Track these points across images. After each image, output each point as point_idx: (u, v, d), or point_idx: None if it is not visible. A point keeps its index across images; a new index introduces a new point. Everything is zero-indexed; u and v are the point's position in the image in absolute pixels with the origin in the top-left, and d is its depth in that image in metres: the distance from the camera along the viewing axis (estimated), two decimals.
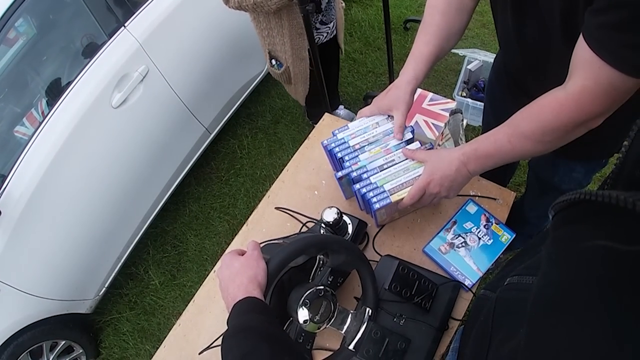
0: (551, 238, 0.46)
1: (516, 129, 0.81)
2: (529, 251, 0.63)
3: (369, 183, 0.99)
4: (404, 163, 1.00)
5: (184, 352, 1.17)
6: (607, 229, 0.38)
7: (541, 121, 0.77)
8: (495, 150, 0.84)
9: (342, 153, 1.03)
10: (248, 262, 0.80)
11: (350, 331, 0.91)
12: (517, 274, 0.60)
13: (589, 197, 0.40)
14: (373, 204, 0.96)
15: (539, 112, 0.77)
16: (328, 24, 2.01)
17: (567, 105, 0.73)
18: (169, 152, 2.41)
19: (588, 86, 0.70)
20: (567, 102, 0.73)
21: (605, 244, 0.37)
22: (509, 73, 1.16)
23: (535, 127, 0.78)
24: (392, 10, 3.20)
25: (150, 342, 2.37)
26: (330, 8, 1.97)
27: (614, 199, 0.36)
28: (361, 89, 2.95)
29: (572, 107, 0.72)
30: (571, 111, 0.73)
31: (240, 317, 0.73)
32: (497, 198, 1.18)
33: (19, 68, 1.99)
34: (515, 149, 0.82)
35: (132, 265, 2.61)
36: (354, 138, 1.04)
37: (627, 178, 0.42)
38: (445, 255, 1.09)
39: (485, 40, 2.93)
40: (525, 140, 0.80)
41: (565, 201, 0.45)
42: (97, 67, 1.98)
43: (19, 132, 1.92)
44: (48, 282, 2.04)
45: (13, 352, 1.97)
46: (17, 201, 1.82)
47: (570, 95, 0.72)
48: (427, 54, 0.98)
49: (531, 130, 0.78)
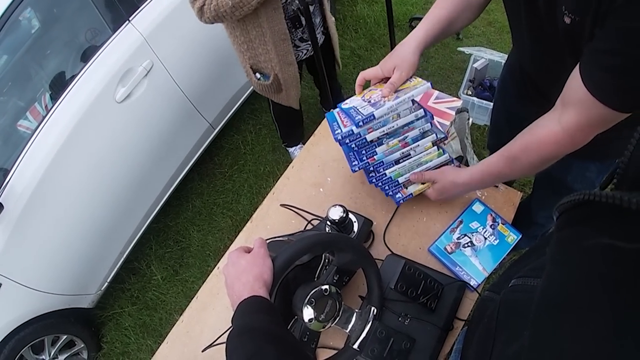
0: (555, 239, 0.47)
1: (514, 159, 0.89)
2: (534, 253, 0.63)
3: (384, 175, 1.08)
4: (418, 157, 1.07)
5: (187, 349, 1.17)
6: (610, 229, 0.39)
7: (539, 154, 0.85)
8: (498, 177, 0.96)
9: (359, 146, 1.03)
10: (254, 260, 0.80)
11: (355, 330, 0.91)
12: (521, 275, 0.60)
13: (593, 197, 0.40)
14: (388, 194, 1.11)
15: (538, 148, 0.84)
16: (309, 41, 1.92)
17: (564, 141, 0.80)
18: (173, 148, 2.40)
19: (582, 122, 0.76)
20: (563, 138, 0.79)
21: (608, 242, 0.37)
22: (524, 71, 1.14)
23: (533, 159, 0.86)
24: (398, 8, 3.20)
25: (152, 337, 2.37)
26: (310, 24, 1.84)
27: (617, 200, 0.37)
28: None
29: (567, 142, 0.80)
30: (567, 145, 0.81)
31: (245, 317, 0.72)
32: (498, 186, 1.18)
33: (23, 62, 1.98)
34: (514, 173, 0.93)
35: (134, 260, 2.62)
36: (371, 132, 1.01)
37: (631, 180, 0.43)
38: (451, 254, 1.08)
39: (491, 38, 2.91)
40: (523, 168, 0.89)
41: (570, 202, 0.45)
42: (101, 62, 1.97)
43: (22, 126, 1.92)
44: (50, 277, 2.04)
45: (15, 347, 1.97)
46: (19, 196, 1.82)
47: (566, 132, 0.79)
48: (441, 17, 0.99)
49: (529, 161, 0.87)
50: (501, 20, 2.91)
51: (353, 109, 1.01)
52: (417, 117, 1.01)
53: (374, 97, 1.01)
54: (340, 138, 1.01)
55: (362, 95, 1.07)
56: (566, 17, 0.72)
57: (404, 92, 0.98)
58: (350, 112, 1.01)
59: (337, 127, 1.04)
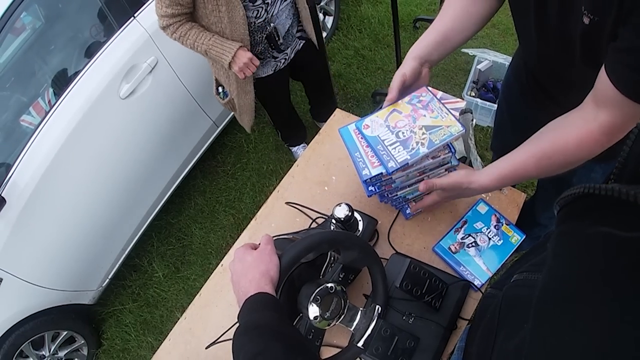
0: (556, 233, 0.47)
1: (548, 159, 0.84)
2: (536, 250, 0.64)
3: (395, 195, 1.07)
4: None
5: (189, 346, 1.17)
6: (609, 220, 0.39)
7: (576, 155, 0.81)
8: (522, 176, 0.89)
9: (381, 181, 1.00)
10: (261, 257, 0.80)
11: (359, 328, 0.91)
12: (523, 270, 0.60)
13: (592, 190, 0.41)
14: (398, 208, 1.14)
15: (576, 147, 0.80)
16: (285, 50, 1.87)
17: (602, 141, 0.78)
18: (176, 145, 2.40)
19: (618, 122, 0.74)
20: (601, 138, 0.78)
21: (607, 231, 0.38)
22: (529, 72, 1.14)
23: (570, 159, 0.82)
24: (402, 8, 3.19)
25: (152, 335, 2.37)
26: (287, 36, 1.82)
27: (616, 192, 0.37)
28: (370, 85, 2.93)
29: (605, 141, 0.78)
30: (604, 145, 0.79)
31: (252, 314, 0.72)
32: (502, 189, 1.18)
33: (27, 57, 1.99)
34: (541, 174, 0.88)
35: (136, 257, 2.62)
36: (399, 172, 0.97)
37: (629, 174, 0.43)
38: (455, 254, 1.08)
39: (495, 40, 2.91)
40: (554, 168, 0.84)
41: (570, 195, 0.45)
42: (105, 58, 1.98)
43: (25, 121, 1.92)
44: (51, 273, 2.05)
45: (15, 342, 1.98)
46: (22, 191, 1.82)
47: (604, 131, 0.77)
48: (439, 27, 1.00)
49: (565, 161, 0.83)
50: (505, 23, 2.91)
51: (380, 143, 0.95)
52: (444, 160, 1.00)
53: (400, 127, 0.96)
54: (369, 179, 0.96)
55: (386, 118, 0.99)
56: (585, 17, 0.71)
57: (437, 133, 0.95)
58: (377, 148, 0.95)
59: (364, 164, 0.97)
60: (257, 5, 1.57)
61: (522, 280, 0.58)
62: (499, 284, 0.72)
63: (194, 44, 1.60)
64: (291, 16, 1.76)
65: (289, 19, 1.75)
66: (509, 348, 0.50)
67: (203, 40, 1.59)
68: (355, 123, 0.99)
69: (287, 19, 1.74)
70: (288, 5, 1.71)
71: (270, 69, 1.89)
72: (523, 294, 0.56)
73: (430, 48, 0.99)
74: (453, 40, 1.01)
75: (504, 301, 0.61)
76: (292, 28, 1.81)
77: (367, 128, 0.97)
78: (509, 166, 0.88)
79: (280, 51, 1.84)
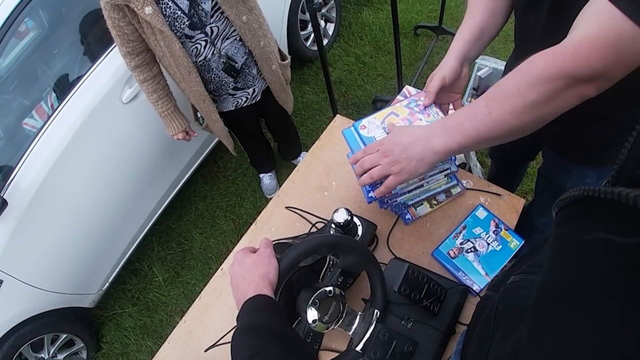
0: (554, 235, 0.47)
1: (497, 88, 0.72)
2: (533, 252, 0.64)
3: (395, 201, 1.09)
4: (427, 186, 1.09)
5: (188, 349, 1.17)
6: (608, 224, 0.39)
7: (528, 72, 0.67)
8: (468, 118, 0.75)
9: None
10: (260, 260, 0.80)
11: (357, 333, 0.91)
12: (520, 272, 0.60)
13: (591, 193, 0.41)
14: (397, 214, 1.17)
15: (527, 64, 0.68)
16: (244, 89, 1.86)
17: (561, 53, 0.64)
18: (177, 150, 2.41)
19: (591, 34, 0.61)
20: (561, 49, 0.65)
21: (606, 237, 0.37)
22: None
23: (520, 80, 0.68)
24: (403, 15, 3.22)
25: (151, 339, 2.37)
26: (245, 75, 1.80)
27: (616, 195, 0.37)
28: (370, 92, 2.95)
29: (566, 55, 0.63)
30: (565, 60, 0.63)
31: (250, 315, 0.72)
32: (501, 194, 1.19)
33: (30, 61, 2.00)
34: (492, 113, 0.71)
35: (136, 261, 2.63)
36: None
37: (628, 177, 0.43)
38: (454, 259, 1.09)
39: (495, 47, 2.93)
40: (506, 100, 0.70)
41: (569, 198, 0.45)
42: (108, 62, 1.99)
43: (28, 124, 1.93)
44: (52, 275, 2.05)
45: (14, 344, 1.98)
46: (24, 193, 1.83)
47: (567, 43, 0.64)
48: (473, 25, 0.99)
49: (515, 84, 0.69)
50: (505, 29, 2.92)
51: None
52: (443, 167, 1.02)
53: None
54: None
55: (383, 119, 0.99)
56: None
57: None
58: None
59: None
60: (195, 41, 1.58)
61: (519, 282, 0.58)
62: (496, 285, 0.72)
63: (155, 103, 1.78)
64: (244, 54, 1.74)
65: (242, 57, 1.74)
66: (505, 349, 0.50)
67: (159, 107, 1.78)
68: (353, 124, 1.01)
69: (239, 55, 1.73)
70: (235, 43, 1.68)
71: (230, 104, 1.91)
72: (520, 295, 0.56)
73: (470, 45, 0.99)
74: (487, 36, 1.01)
75: (500, 302, 0.61)
76: (248, 68, 1.80)
77: (364, 129, 0.98)
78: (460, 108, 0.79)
79: (237, 89, 1.85)
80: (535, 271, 0.54)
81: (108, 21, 1.45)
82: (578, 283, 0.39)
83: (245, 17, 1.60)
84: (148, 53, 1.61)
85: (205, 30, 1.57)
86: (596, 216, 0.41)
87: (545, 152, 1.32)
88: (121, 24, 1.45)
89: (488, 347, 0.55)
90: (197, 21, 1.53)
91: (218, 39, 1.62)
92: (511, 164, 1.70)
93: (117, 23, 1.45)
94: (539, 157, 1.52)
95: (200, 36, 1.57)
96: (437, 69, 0.97)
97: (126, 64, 1.62)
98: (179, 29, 1.50)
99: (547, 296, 0.42)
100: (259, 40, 1.69)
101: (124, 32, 1.48)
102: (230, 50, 1.68)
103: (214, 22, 1.57)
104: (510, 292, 0.60)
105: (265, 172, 2.68)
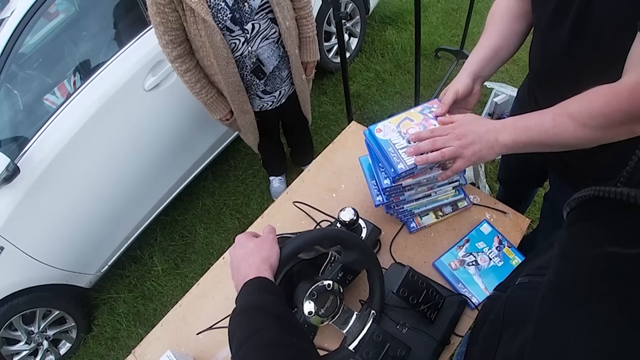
0: (565, 235, 0.47)
1: (563, 107, 0.80)
2: (542, 254, 0.63)
3: (402, 208, 1.12)
4: (435, 196, 1.11)
5: (180, 333, 1.17)
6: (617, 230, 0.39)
7: (591, 103, 0.76)
8: (536, 124, 0.83)
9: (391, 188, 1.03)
10: (262, 244, 0.81)
11: (352, 332, 0.91)
12: (528, 273, 0.60)
13: (602, 193, 0.41)
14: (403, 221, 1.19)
15: (591, 96, 0.77)
16: (272, 92, 1.90)
17: (620, 94, 0.73)
18: (192, 143, 2.44)
19: None
20: (620, 91, 0.73)
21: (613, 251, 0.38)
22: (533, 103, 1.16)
23: (584, 109, 0.77)
24: (426, 37, 3.26)
25: (143, 327, 2.37)
26: (274, 77, 1.84)
27: (626, 196, 0.37)
28: (387, 108, 2.97)
29: (624, 97, 0.72)
30: (622, 101, 0.72)
31: (250, 296, 0.73)
32: (507, 212, 1.19)
33: (57, 41, 2.05)
34: (557, 127, 0.80)
35: (137, 249, 2.64)
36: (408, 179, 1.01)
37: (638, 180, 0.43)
38: (455, 271, 1.09)
39: (513, 75, 2.96)
40: (569, 120, 0.79)
41: (580, 198, 0.45)
42: (135, 49, 2.04)
43: (49, 100, 1.98)
44: (53, 250, 2.06)
45: (6, 312, 1.99)
46: (36, 165, 1.86)
47: (624, 87, 0.72)
48: (489, 45, 1.03)
49: (578, 111, 0.78)
50: (524, 59, 2.94)
51: (391, 146, 0.97)
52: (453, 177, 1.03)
53: (411, 133, 0.98)
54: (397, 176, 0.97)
55: (398, 124, 1.01)
56: None
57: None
58: (387, 150, 0.97)
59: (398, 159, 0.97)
60: (235, 36, 1.61)
61: (527, 284, 0.59)
62: (503, 286, 0.72)
63: (198, 93, 1.79)
64: (277, 57, 1.78)
65: (275, 60, 1.78)
66: (512, 348, 0.50)
67: (204, 95, 1.80)
68: (369, 127, 1.03)
69: (273, 58, 1.76)
70: (271, 45, 1.72)
71: (255, 106, 1.94)
72: (527, 296, 0.56)
73: (483, 64, 1.02)
74: (501, 56, 1.05)
75: (508, 303, 0.61)
76: (279, 71, 1.83)
77: (380, 132, 1.00)
78: (529, 114, 0.86)
79: (266, 92, 1.88)
80: (543, 273, 0.54)
81: (152, 8, 1.48)
82: (586, 283, 0.39)
83: (288, 22, 1.66)
84: (188, 43, 1.64)
85: (245, 27, 1.60)
86: (606, 218, 0.41)
87: (552, 178, 1.33)
88: (166, 10, 1.48)
89: (496, 346, 0.55)
90: (238, 17, 1.57)
91: (256, 38, 1.66)
92: (520, 189, 1.70)
93: (162, 9, 1.47)
94: (546, 185, 1.52)
95: (239, 32, 1.61)
96: (451, 84, 1.02)
97: (167, 54, 1.63)
98: (221, 20, 1.54)
99: (555, 296, 0.43)
100: (295, 48, 1.75)
101: (168, 19, 1.51)
102: (266, 52, 1.72)
103: (257, 20, 1.61)
104: (518, 293, 0.60)
105: (276, 176, 2.70)
